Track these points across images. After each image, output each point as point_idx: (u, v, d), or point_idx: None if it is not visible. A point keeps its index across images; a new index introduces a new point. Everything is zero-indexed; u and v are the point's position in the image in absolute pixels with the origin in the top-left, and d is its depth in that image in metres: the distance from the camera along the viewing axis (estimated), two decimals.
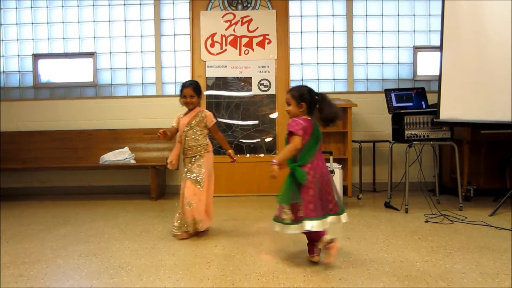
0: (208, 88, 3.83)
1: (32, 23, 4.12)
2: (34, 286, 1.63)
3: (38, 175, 4.00)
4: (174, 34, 4.07)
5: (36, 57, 4.12)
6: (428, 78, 4.00)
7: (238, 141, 3.80)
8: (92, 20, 4.09)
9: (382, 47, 4.04)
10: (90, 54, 4.09)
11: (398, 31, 4.02)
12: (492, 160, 3.32)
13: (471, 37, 2.75)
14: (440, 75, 2.83)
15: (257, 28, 3.80)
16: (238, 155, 3.75)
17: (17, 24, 4.13)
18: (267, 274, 1.70)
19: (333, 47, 4.04)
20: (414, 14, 4.01)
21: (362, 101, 3.83)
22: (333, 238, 1.74)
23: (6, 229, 2.58)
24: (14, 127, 4.00)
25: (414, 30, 4.02)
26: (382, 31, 4.03)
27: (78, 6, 4.09)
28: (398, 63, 4.04)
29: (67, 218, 2.86)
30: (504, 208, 2.78)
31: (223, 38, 3.81)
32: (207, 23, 3.82)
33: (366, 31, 4.03)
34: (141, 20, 4.08)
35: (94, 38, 4.10)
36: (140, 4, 4.07)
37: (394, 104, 3.24)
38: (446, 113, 2.80)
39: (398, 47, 4.03)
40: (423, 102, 3.25)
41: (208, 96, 3.82)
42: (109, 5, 4.08)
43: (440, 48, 2.83)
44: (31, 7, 4.11)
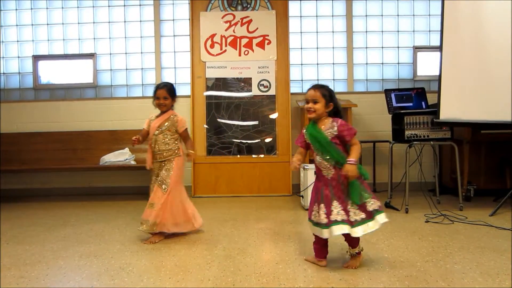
0: (208, 88, 3.83)
1: (32, 25, 4.12)
2: (35, 287, 1.63)
3: (38, 177, 4.00)
4: (174, 35, 4.07)
5: (36, 58, 4.12)
6: (428, 78, 4.00)
7: (238, 141, 3.81)
8: (92, 21, 4.09)
9: (382, 47, 4.04)
10: (90, 55, 4.10)
11: (397, 31, 4.03)
12: (492, 160, 3.32)
13: (471, 37, 2.75)
14: (440, 75, 2.83)
15: (256, 28, 3.81)
16: (238, 156, 3.81)
17: (17, 25, 4.13)
18: (268, 275, 1.70)
19: (333, 48, 4.04)
20: (413, 14, 4.01)
21: (362, 101, 3.83)
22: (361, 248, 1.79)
23: (6, 230, 2.58)
24: (14, 129, 4.00)
25: (413, 30, 4.02)
26: (382, 31, 4.03)
27: (78, 7, 4.09)
28: (398, 63, 4.05)
29: (68, 219, 2.87)
30: (504, 208, 2.78)
31: (223, 39, 3.82)
32: (207, 24, 3.83)
33: (366, 31, 4.03)
34: (140, 21, 4.08)
35: (94, 39, 4.10)
36: (139, 5, 4.07)
37: (394, 104, 3.24)
38: (446, 113, 2.79)
39: (398, 47, 4.04)
40: (423, 102, 3.25)
41: (208, 96, 3.83)
42: (108, 6, 4.09)
43: (440, 48, 2.83)
44: (31, 9, 4.11)
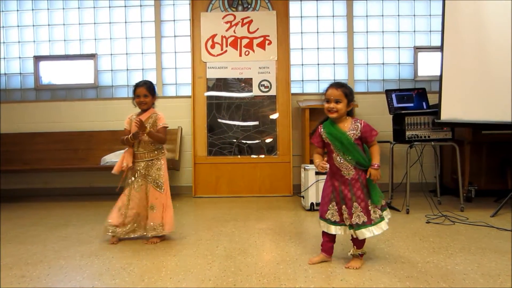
0: (208, 89, 3.83)
1: (33, 25, 4.13)
2: (37, 286, 1.63)
3: (40, 177, 4.01)
4: (175, 36, 4.07)
5: (37, 59, 4.13)
6: (428, 79, 4.00)
7: (239, 142, 3.81)
8: (92, 22, 4.10)
9: (383, 48, 4.04)
10: (91, 56, 4.11)
11: (398, 32, 4.02)
12: (493, 160, 3.32)
13: (472, 37, 2.74)
14: (441, 76, 2.83)
15: (257, 29, 3.81)
16: (239, 156, 3.81)
17: (18, 26, 4.14)
18: (269, 275, 1.70)
19: (333, 48, 4.04)
20: (414, 15, 4.01)
21: (363, 101, 3.83)
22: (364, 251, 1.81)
23: (8, 230, 2.59)
24: (16, 129, 4.01)
25: (414, 31, 4.02)
26: (383, 32, 4.03)
27: (78, 8, 4.10)
28: (399, 64, 4.05)
29: (69, 219, 2.87)
30: (505, 209, 2.77)
31: (224, 39, 3.82)
32: (208, 24, 3.83)
33: (367, 32, 4.03)
34: (141, 21, 4.09)
35: (95, 40, 4.11)
36: (140, 6, 4.08)
37: (395, 104, 3.24)
38: (447, 113, 2.79)
39: (398, 48, 4.03)
40: (424, 103, 3.25)
41: (208, 97, 3.83)
42: (109, 7, 4.09)
43: (441, 48, 2.83)
44: (32, 10, 4.12)
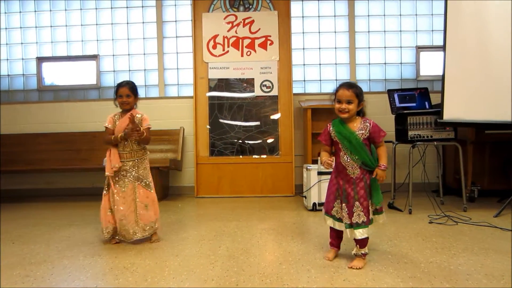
0: (210, 89, 3.84)
1: (36, 27, 4.15)
2: (41, 286, 1.64)
3: (43, 177, 4.03)
4: (177, 36, 4.08)
5: (40, 60, 4.15)
6: (431, 78, 3.99)
7: (241, 142, 3.81)
8: (95, 23, 4.11)
9: (385, 47, 4.03)
10: (93, 57, 4.12)
11: (400, 31, 4.02)
12: (496, 160, 3.30)
13: (475, 36, 2.73)
14: (443, 75, 2.82)
15: (259, 29, 3.81)
16: (241, 156, 3.81)
17: (21, 27, 4.16)
18: (271, 275, 1.70)
19: (335, 48, 4.04)
20: (416, 14, 4.00)
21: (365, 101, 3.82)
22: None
23: (12, 230, 2.60)
24: (19, 130, 4.03)
25: (416, 30, 4.01)
26: (384, 31, 4.02)
27: (81, 9, 4.12)
28: (401, 63, 4.04)
29: (72, 219, 2.88)
30: (508, 209, 2.76)
31: (225, 40, 3.82)
32: (209, 25, 3.84)
33: (368, 32, 4.02)
34: (143, 22, 4.10)
35: (97, 41, 4.12)
36: (142, 6, 4.09)
37: (397, 104, 3.23)
38: (450, 113, 2.78)
39: (400, 47, 4.03)
40: (426, 102, 3.24)
41: (210, 97, 3.84)
42: (111, 8, 4.11)
43: (443, 48, 2.83)
44: (35, 11, 4.14)
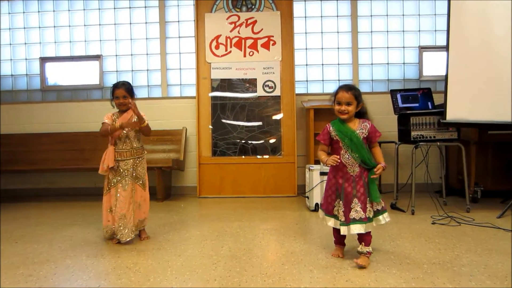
0: (213, 89, 3.84)
1: (39, 27, 4.17)
2: (44, 286, 1.65)
3: (46, 177, 4.05)
4: (179, 37, 4.09)
5: (43, 60, 4.17)
6: (434, 78, 3.97)
7: (245, 142, 3.81)
8: (98, 23, 4.13)
9: (387, 48, 4.02)
10: (96, 57, 4.14)
11: (403, 31, 4.00)
12: (499, 161, 3.28)
13: (478, 36, 2.72)
14: (446, 75, 2.81)
15: (261, 29, 3.81)
16: (243, 156, 3.81)
17: (24, 28, 4.19)
18: (274, 276, 1.70)
19: (337, 48, 4.03)
20: (419, 14, 3.99)
21: (368, 102, 3.81)
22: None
23: (15, 229, 2.62)
24: (22, 129, 4.05)
25: (419, 30, 4.00)
26: (387, 31, 4.01)
27: (84, 10, 4.13)
28: (404, 64, 4.02)
29: (75, 219, 2.89)
30: None
31: (228, 40, 3.83)
32: (212, 25, 3.84)
33: (371, 32, 4.01)
34: (146, 23, 4.11)
35: (100, 41, 4.14)
36: (145, 7, 4.10)
37: (400, 104, 3.22)
38: (453, 113, 2.77)
39: (403, 47, 4.01)
40: (429, 103, 3.23)
41: (213, 97, 3.84)
42: (114, 8, 4.12)
43: (446, 48, 2.81)
44: (38, 12, 4.16)
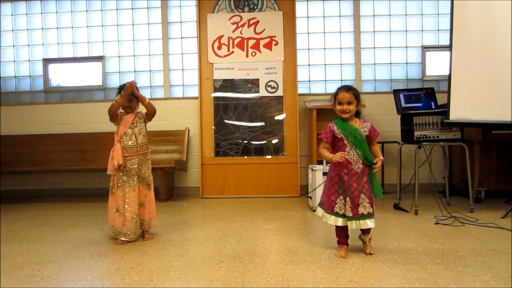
0: (215, 90, 3.85)
1: (42, 29, 4.19)
2: (47, 286, 1.65)
3: (49, 177, 4.07)
4: (182, 37, 4.10)
5: (46, 61, 4.19)
6: (437, 78, 3.96)
7: (248, 142, 3.81)
8: (100, 24, 4.15)
9: (390, 47, 4.01)
10: (99, 58, 4.15)
11: (406, 31, 3.99)
12: (503, 161, 3.27)
13: (481, 36, 2.71)
14: (449, 75, 2.80)
15: (264, 29, 3.81)
16: (246, 157, 3.81)
17: (27, 29, 4.21)
18: (277, 276, 1.70)
19: (340, 48, 4.03)
20: (422, 14, 3.98)
21: (370, 102, 3.81)
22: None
23: (18, 230, 2.63)
24: (25, 131, 4.07)
25: (422, 30, 3.98)
26: (390, 31, 4.00)
27: (86, 11, 4.15)
28: (407, 63, 4.01)
29: (78, 220, 2.91)
30: None
31: (230, 40, 3.83)
32: (214, 26, 3.85)
33: (374, 31, 4.00)
34: (148, 23, 4.12)
35: (103, 42, 4.15)
36: (147, 7, 4.11)
37: (403, 104, 3.21)
38: (456, 113, 2.76)
39: (406, 47, 4.00)
40: (433, 103, 3.22)
41: (215, 98, 3.85)
42: (117, 9, 4.13)
43: (449, 47, 2.80)
44: (41, 13, 4.19)
